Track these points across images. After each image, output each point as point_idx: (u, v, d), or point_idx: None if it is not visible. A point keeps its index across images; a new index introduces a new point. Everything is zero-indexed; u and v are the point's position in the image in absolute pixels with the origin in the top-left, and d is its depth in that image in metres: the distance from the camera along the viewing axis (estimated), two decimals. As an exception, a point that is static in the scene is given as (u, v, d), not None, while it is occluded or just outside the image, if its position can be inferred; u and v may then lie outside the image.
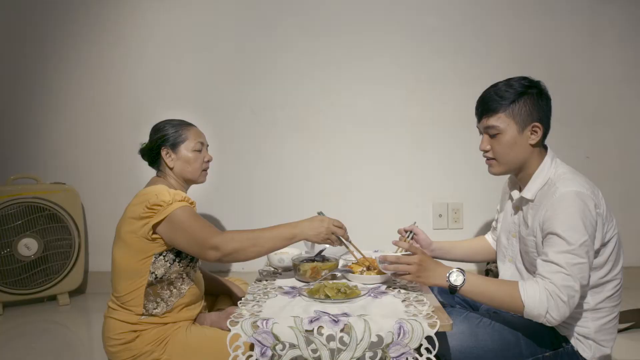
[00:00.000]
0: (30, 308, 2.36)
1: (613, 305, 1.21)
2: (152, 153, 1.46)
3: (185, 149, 1.43)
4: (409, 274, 1.17)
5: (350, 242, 1.33)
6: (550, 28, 2.37)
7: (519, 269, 1.30)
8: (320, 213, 1.31)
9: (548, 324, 1.12)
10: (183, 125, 1.47)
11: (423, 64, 2.41)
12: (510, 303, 1.12)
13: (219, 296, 1.70)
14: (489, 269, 2.15)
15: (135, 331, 1.31)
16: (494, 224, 1.53)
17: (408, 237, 1.43)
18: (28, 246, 2.27)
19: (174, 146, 1.43)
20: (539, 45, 2.37)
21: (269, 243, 1.24)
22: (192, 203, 1.33)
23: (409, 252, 1.22)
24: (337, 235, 1.28)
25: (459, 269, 1.17)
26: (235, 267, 2.55)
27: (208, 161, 1.49)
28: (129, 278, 1.31)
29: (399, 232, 1.48)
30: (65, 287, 2.38)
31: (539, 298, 1.09)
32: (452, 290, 1.16)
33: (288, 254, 1.45)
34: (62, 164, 2.51)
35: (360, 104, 2.43)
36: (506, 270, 1.34)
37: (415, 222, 1.48)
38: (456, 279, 1.15)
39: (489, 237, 1.56)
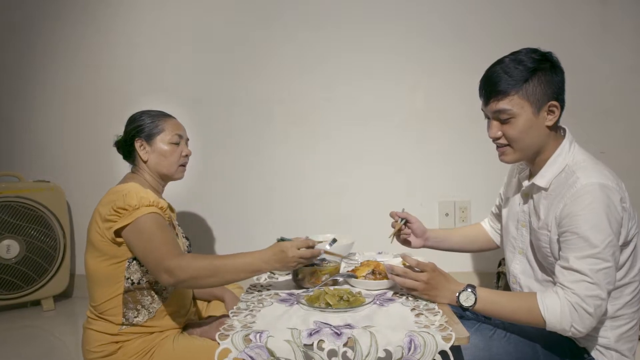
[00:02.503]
0: (12, 313, 2.31)
1: (633, 311, 1.12)
2: (126, 145, 1.38)
3: (161, 141, 1.35)
4: (416, 289, 1.10)
5: (328, 252, 1.25)
6: (559, 17, 2.29)
7: (530, 262, 1.21)
8: (280, 239, 1.19)
9: (573, 337, 1.04)
10: (160, 116, 1.39)
11: (427, 56, 2.34)
12: (530, 318, 1.05)
13: (211, 302, 1.61)
14: (501, 272, 2.04)
15: (116, 342, 1.23)
16: (493, 209, 1.44)
17: (401, 222, 1.37)
18: (9, 248, 2.22)
19: (149, 138, 1.35)
20: (548, 36, 2.28)
21: (230, 275, 1.14)
22: (162, 208, 1.23)
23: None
24: (305, 258, 1.15)
25: (470, 286, 1.09)
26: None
27: (186, 155, 1.41)
28: (104, 285, 1.23)
29: (391, 215, 1.41)
30: (50, 291, 2.33)
31: (561, 312, 1.01)
32: (464, 309, 1.09)
33: None
34: (46, 160, 2.46)
35: (362, 99, 2.37)
36: (517, 263, 1.24)
37: (403, 209, 1.41)
38: (467, 299, 1.07)
39: (485, 224, 1.48)
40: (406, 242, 1.43)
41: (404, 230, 1.39)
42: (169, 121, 1.38)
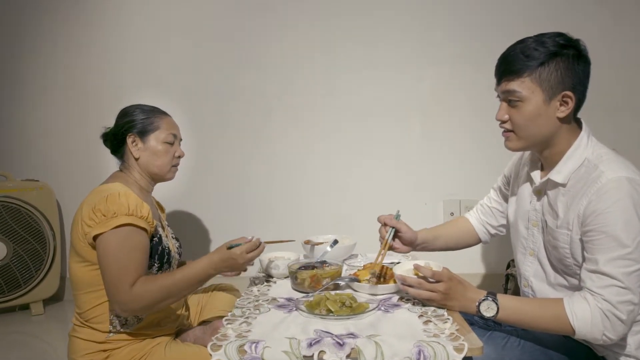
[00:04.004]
0: (0, 318, 2.26)
1: None
2: (116, 139, 1.31)
3: (155, 139, 1.30)
4: (433, 300, 1.05)
5: (269, 242, 1.26)
6: (570, 8, 2.23)
7: (542, 264, 1.14)
8: (231, 247, 1.17)
9: (604, 344, 0.98)
10: (156, 112, 1.33)
11: (432, 47, 2.28)
12: (557, 327, 0.99)
13: (205, 306, 1.54)
14: (510, 274, 1.97)
15: (104, 350, 1.18)
16: (487, 200, 1.36)
17: (388, 236, 1.25)
18: (-4, 250, 2.18)
19: (143, 134, 1.29)
20: (558, 27, 2.20)
21: (184, 291, 1.16)
22: (142, 217, 1.16)
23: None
24: (252, 259, 1.19)
25: (490, 294, 1.02)
26: (227, 271, 2.39)
27: (179, 157, 1.36)
28: (89, 291, 1.18)
29: (380, 221, 1.29)
30: (39, 294, 2.27)
31: (592, 319, 0.95)
32: (485, 320, 1.04)
33: (284, 259, 1.33)
34: (35, 159, 2.40)
35: (364, 93, 2.31)
36: (528, 265, 1.17)
37: (398, 212, 1.30)
38: (488, 309, 1.01)
39: (472, 218, 1.40)
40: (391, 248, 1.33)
41: (392, 244, 1.28)
42: (165, 119, 1.33)
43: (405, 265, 1.15)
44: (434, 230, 1.39)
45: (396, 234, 1.27)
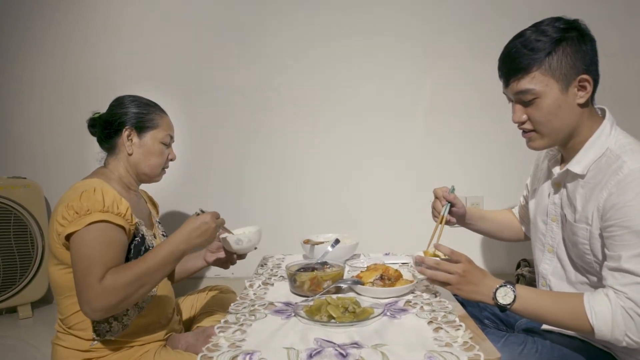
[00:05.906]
0: None
1: None
2: (108, 129, 1.23)
3: (152, 138, 1.24)
4: (449, 283, 1.00)
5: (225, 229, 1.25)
6: (579, -1, 2.17)
7: (561, 261, 1.08)
8: (200, 211, 1.15)
9: (628, 347, 0.91)
10: (156, 109, 1.27)
11: (435, 41, 2.21)
12: (575, 324, 0.92)
13: (200, 309, 1.47)
14: (521, 274, 1.90)
15: (89, 359, 1.11)
16: (521, 199, 1.33)
17: (444, 212, 1.20)
18: (-20, 251, 2.10)
19: (141, 130, 1.23)
20: (566, 16, 2.14)
21: (157, 274, 1.05)
22: (119, 214, 1.08)
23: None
24: (220, 225, 1.17)
25: (508, 282, 0.96)
26: (225, 272, 2.32)
27: (172, 160, 1.30)
28: (70, 296, 1.11)
29: (436, 194, 1.24)
30: (27, 297, 2.19)
31: (612, 318, 0.88)
32: (501, 309, 0.96)
33: (245, 234, 1.26)
34: (22, 155, 2.32)
35: (365, 88, 2.24)
36: (546, 263, 1.12)
37: (453, 187, 1.24)
38: (505, 296, 0.95)
39: (516, 212, 1.38)
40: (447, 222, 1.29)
41: (449, 219, 1.24)
42: (165, 118, 1.28)
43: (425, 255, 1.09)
44: (481, 211, 1.36)
45: (449, 209, 1.23)
